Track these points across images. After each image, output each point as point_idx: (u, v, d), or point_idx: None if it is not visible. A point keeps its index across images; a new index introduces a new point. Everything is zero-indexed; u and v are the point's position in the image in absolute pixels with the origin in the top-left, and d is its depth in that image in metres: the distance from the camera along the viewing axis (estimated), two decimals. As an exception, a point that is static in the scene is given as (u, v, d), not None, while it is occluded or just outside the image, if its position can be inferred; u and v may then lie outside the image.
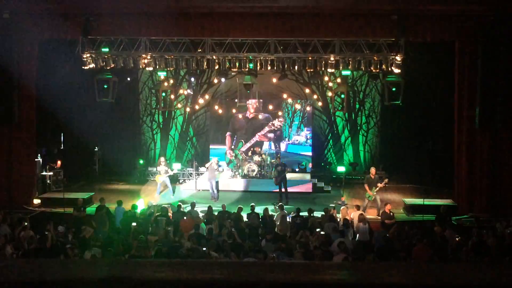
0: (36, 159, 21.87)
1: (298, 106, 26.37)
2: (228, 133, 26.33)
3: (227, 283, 3.62)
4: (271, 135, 26.08)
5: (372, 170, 20.47)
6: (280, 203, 18.85)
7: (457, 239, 14.94)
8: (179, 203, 19.04)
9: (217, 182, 22.62)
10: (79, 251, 13.42)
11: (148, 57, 20.09)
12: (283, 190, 22.22)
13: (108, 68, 20.16)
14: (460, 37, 19.90)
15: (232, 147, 26.21)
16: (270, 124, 25.78)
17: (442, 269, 4.16)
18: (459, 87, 20.26)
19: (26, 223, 16.02)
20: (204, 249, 13.24)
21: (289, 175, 23.47)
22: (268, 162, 24.72)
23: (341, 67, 19.94)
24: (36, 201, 20.98)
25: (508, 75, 19.23)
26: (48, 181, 22.73)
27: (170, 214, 17.62)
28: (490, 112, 19.36)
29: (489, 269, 4.23)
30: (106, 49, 19.87)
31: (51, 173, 22.82)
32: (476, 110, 19.46)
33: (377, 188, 19.80)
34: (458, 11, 19.11)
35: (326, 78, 25.13)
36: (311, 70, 20.35)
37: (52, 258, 12.46)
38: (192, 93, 26.97)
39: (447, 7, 18.92)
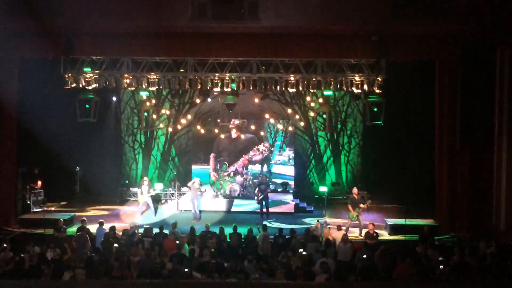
0: (16, 179, 21.66)
1: (280, 126, 26.37)
2: (212, 154, 26.18)
3: (210, 305, 3.59)
4: (257, 158, 25.91)
5: (355, 190, 20.51)
6: (263, 224, 18.81)
7: (439, 259, 14.95)
8: (161, 224, 18.93)
9: (199, 202, 22.56)
10: (56, 272, 13.26)
11: (130, 77, 20.08)
12: (264, 210, 22.25)
13: (90, 87, 20.09)
14: (440, 58, 20.13)
15: (217, 168, 26.10)
16: (255, 148, 25.67)
17: (424, 289, 4.16)
18: (439, 107, 20.45)
19: (5, 245, 15.83)
20: (186, 269, 13.16)
21: (271, 195, 23.49)
22: (250, 182, 24.70)
23: (323, 87, 20.04)
24: (16, 222, 20.74)
25: (488, 96, 19.43)
26: (28, 202, 22.51)
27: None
28: (470, 133, 19.51)
29: (471, 289, 4.24)
30: (88, 69, 19.83)
31: (31, 193, 22.60)
32: (456, 130, 19.62)
33: (360, 209, 19.83)
34: (438, 32, 19.31)
35: (308, 98, 25.21)
36: (293, 90, 20.42)
37: (30, 279, 12.31)
38: (174, 113, 26.97)
39: (427, 27, 19.10)
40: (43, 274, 13.10)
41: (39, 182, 23.16)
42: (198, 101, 25.87)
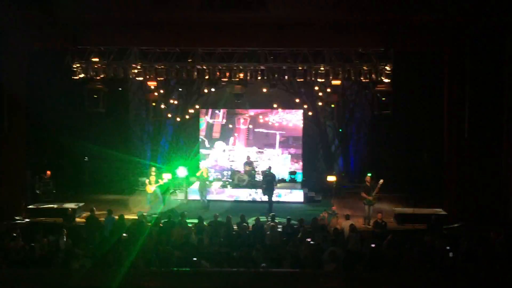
0: (26, 169, 21.77)
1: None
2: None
3: (218, 292, 3.61)
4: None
5: (367, 178, 20.44)
6: (271, 213, 18.85)
7: (447, 248, 14.95)
8: (169, 213, 18.99)
9: (207, 192, 22.61)
10: (67, 261, 13.36)
11: (138, 67, 20.07)
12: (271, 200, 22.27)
13: (98, 78, 20.11)
14: (449, 47, 20.03)
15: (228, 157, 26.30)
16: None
17: (431, 278, 4.17)
18: (447, 96, 20.37)
19: (15, 234, 15.94)
20: (195, 258, 13.22)
21: (279, 185, 23.54)
22: (258, 172, 24.73)
23: (331, 77, 19.99)
24: (26, 212, 20.86)
25: (496, 86, 19.35)
26: (38, 191, 22.62)
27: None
28: (479, 122, 19.47)
29: (478, 277, 4.25)
30: (96, 59, 19.84)
31: (40, 183, 22.71)
32: (464, 120, 19.56)
33: (375, 191, 19.76)
34: (447, 22, 19.20)
35: (316, 88, 25.18)
36: (301, 80, 20.39)
37: (41, 268, 12.41)
38: (182, 102, 27.02)
39: (436, 17, 19.00)
40: (53, 262, 13.18)
41: (48, 172, 23.26)
42: (205, 90, 25.90)
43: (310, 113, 26.87)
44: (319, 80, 20.37)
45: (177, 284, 3.61)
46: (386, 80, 19.53)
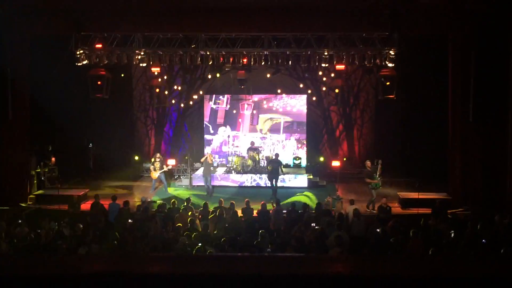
0: (30, 156, 21.80)
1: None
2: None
3: (223, 277, 3.62)
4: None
5: (367, 163, 20.43)
6: (276, 198, 18.87)
7: (451, 232, 14.96)
8: (174, 199, 19.02)
9: (211, 177, 22.63)
10: (72, 247, 13.40)
11: (142, 53, 20.04)
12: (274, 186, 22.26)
13: (101, 64, 20.09)
14: (454, 31, 19.92)
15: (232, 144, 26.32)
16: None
17: (436, 262, 4.17)
18: (452, 81, 20.29)
19: (20, 221, 15.98)
20: (200, 244, 13.25)
21: (284, 170, 23.55)
22: (263, 158, 24.70)
23: (335, 62, 19.94)
24: (31, 198, 20.92)
25: (501, 70, 19.25)
26: (42, 178, 22.67)
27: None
28: (484, 106, 19.39)
29: (482, 261, 4.25)
30: (100, 45, 19.80)
31: (45, 170, 22.76)
32: (469, 104, 19.49)
33: (378, 173, 19.74)
34: (451, 5, 19.10)
35: (320, 73, 25.12)
36: (305, 65, 20.34)
37: (46, 254, 12.45)
38: (186, 88, 27.00)
39: (440, 1, 18.91)
40: (59, 249, 13.22)
41: (53, 159, 23.30)
42: (209, 76, 25.87)
43: (314, 98, 26.82)
44: (323, 65, 20.33)
45: (181, 269, 3.61)
46: (390, 65, 19.48)
